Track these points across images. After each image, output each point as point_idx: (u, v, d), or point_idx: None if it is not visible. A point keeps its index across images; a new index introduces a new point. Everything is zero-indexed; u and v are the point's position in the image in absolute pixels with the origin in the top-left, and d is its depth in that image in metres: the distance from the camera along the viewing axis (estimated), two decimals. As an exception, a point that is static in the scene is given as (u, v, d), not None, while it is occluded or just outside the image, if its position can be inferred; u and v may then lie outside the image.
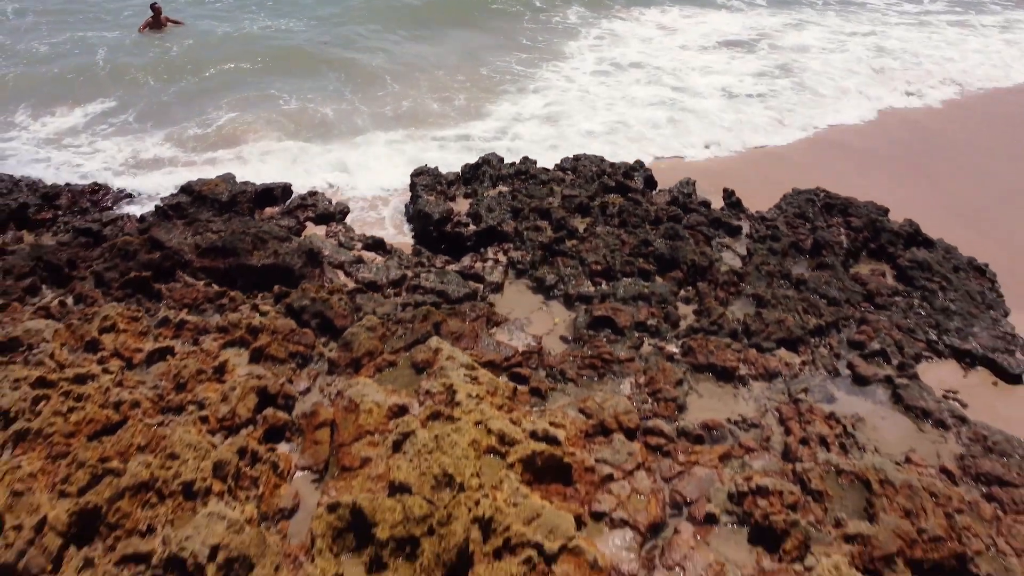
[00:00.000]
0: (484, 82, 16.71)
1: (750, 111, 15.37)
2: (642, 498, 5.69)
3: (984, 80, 18.91)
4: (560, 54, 19.36)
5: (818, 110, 15.76)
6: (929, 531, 5.26)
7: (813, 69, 18.64)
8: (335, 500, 4.87)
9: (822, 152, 13.89)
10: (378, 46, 18.66)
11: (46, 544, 4.84)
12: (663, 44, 20.77)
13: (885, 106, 16.62)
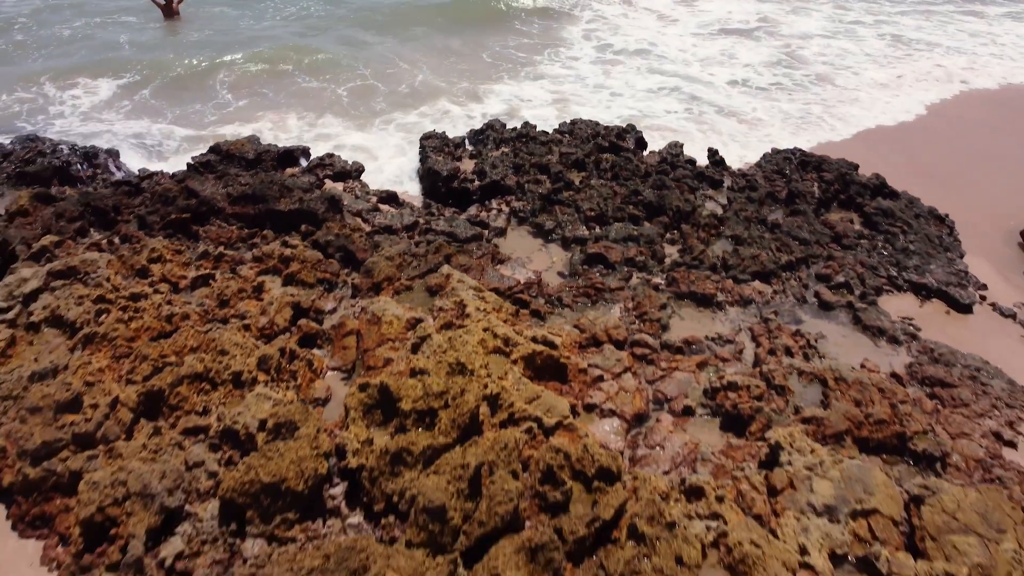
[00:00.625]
0: (488, 70, 17.22)
1: (778, 106, 15.27)
2: (628, 394, 6.43)
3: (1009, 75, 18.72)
4: (562, 41, 19.87)
5: (855, 107, 15.35)
6: (875, 415, 6.01)
7: (829, 60, 18.72)
8: (365, 381, 5.62)
9: (874, 150, 13.35)
10: (385, 35, 19.31)
11: (120, 417, 5.60)
12: (665, 32, 21.07)
13: (934, 99, 16.30)
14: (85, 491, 5.10)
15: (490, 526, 4.42)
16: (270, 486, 4.80)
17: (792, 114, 14.87)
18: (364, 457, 5.13)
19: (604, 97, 15.46)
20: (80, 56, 16.21)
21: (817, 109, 15.18)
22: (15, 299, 7.15)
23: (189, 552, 4.84)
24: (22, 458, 5.52)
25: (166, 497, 4.99)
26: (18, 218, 8.78)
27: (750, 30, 22.11)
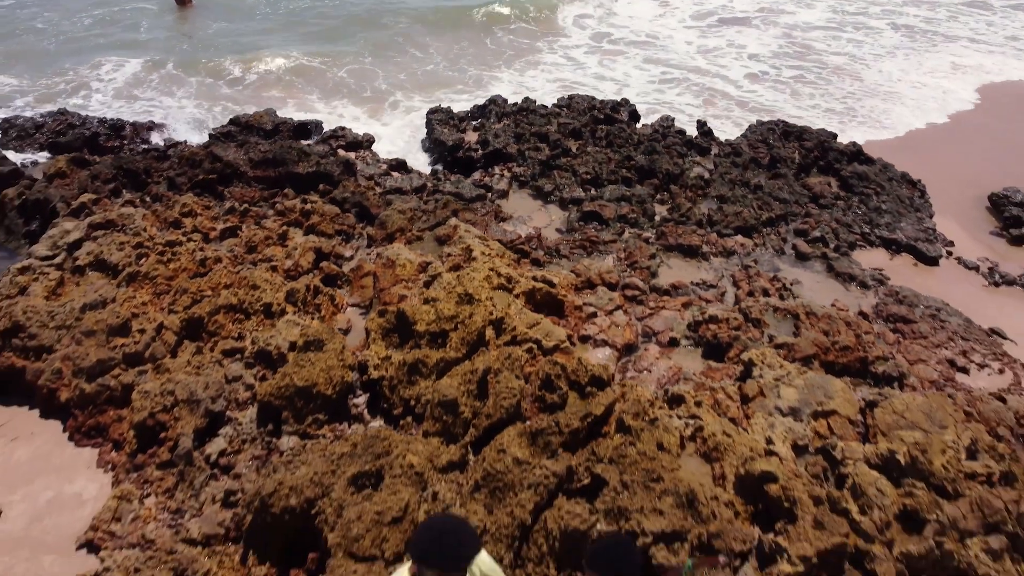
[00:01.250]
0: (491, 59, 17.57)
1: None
2: (619, 328, 7.02)
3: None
4: (560, 31, 20.11)
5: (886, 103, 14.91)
6: (840, 342, 6.59)
7: (846, 51, 18.41)
8: (383, 308, 6.20)
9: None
10: (393, 27, 19.68)
11: (165, 339, 6.19)
12: (664, 24, 20.85)
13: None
14: (138, 399, 5.70)
15: (496, 418, 5.01)
16: (303, 389, 5.39)
17: (835, 110, 14.32)
18: (384, 370, 5.72)
19: (610, 88, 15.90)
20: (105, 40, 16.75)
21: (854, 104, 14.60)
22: (59, 248, 7.73)
23: (231, 450, 5.43)
24: (78, 376, 6.11)
25: (210, 403, 5.58)
26: (56, 179, 9.36)
27: (748, 18, 21.94)
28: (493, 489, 4.49)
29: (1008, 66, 18.14)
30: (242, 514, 4.84)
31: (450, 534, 2.79)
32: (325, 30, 18.49)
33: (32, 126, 11.57)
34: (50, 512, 5.47)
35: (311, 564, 4.71)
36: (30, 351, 6.48)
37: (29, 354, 6.48)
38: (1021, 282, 8.62)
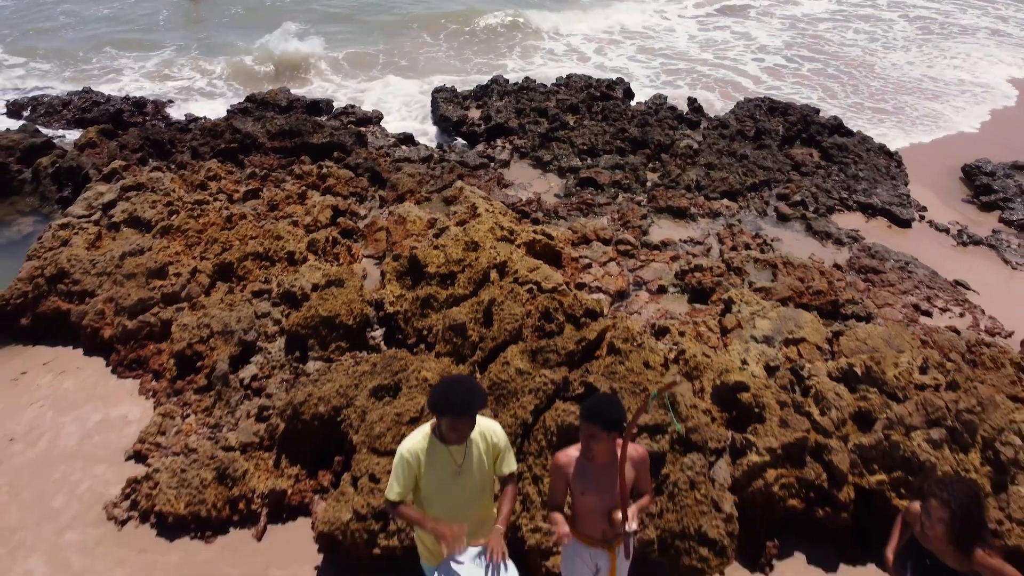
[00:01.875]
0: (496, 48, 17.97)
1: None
2: (612, 277, 7.56)
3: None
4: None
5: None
6: (814, 287, 7.13)
7: (858, 43, 18.08)
8: (398, 253, 6.75)
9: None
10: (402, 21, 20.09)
11: (199, 281, 6.73)
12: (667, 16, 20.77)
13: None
14: (177, 331, 6.24)
15: (500, 340, 5.55)
16: (327, 319, 5.93)
17: (884, 109, 13.83)
18: (399, 305, 6.26)
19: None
20: (126, 27, 17.28)
21: (889, 101, 14.18)
22: (95, 208, 8.27)
23: (262, 374, 5.97)
24: (120, 314, 6.66)
25: (243, 334, 6.13)
26: (87, 149, 9.90)
27: (744, 7, 21.94)
28: (498, 396, 5.03)
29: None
30: (275, 424, 5.38)
31: (459, 384, 3.34)
32: (336, 16, 19.02)
33: (59, 103, 12.09)
34: (99, 431, 6.03)
35: (336, 466, 5.26)
36: (74, 295, 7.03)
37: (73, 298, 7.03)
38: (987, 242, 9.15)
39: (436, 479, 3.48)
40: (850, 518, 4.72)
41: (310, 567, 4.86)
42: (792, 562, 4.89)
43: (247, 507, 5.05)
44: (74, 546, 5.00)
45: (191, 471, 5.15)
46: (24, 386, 6.62)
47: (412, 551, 4.57)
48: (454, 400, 3.28)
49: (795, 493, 4.73)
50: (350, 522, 4.51)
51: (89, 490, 5.44)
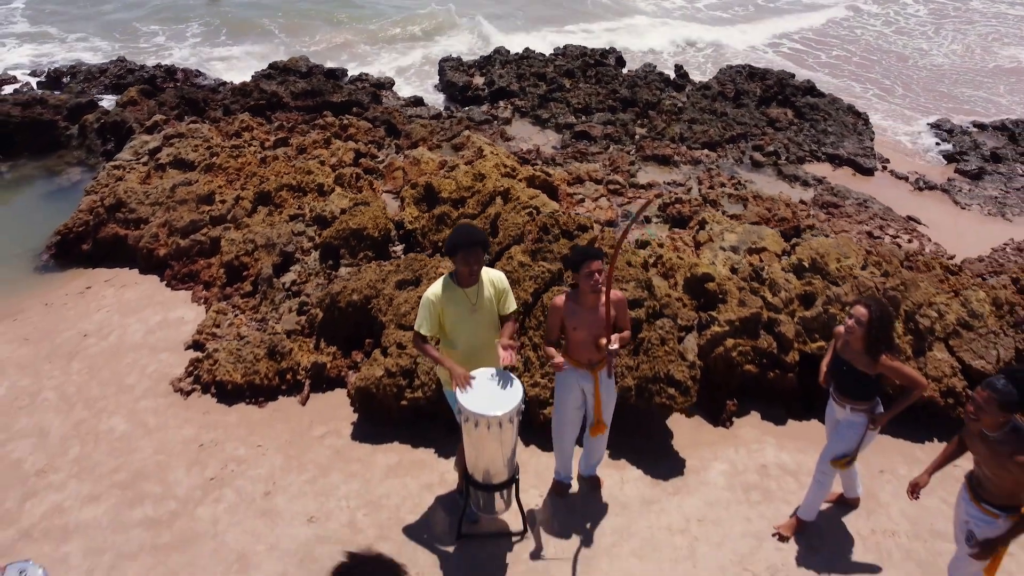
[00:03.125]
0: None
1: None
2: (603, 210, 8.40)
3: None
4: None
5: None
6: (779, 215, 7.97)
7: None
8: (415, 181, 7.58)
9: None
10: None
11: (242, 206, 7.57)
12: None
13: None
14: (226, 245, 7.09)
15: (505, 243, 6.39)
16: (356, 231, 6.77)
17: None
18: (417, 224, 7.11)
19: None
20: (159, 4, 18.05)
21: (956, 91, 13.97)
22: (141, 154, 9.10)
23: (300, 280, 6.81)
24: (173, 235, 7.50)
25: (283, 246, 6.97)
26: (129, 106, 10.71)
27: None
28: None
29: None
30: (315, 314, 6.24)
31: (465, 226, 4.23)
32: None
33: (96, 71, 12.88)
34: (160, 328, 6.87)
35: (367, 347, 6.11)
36: (130, 222, 7.87)
37: (130, 224, 7.87)
38: (941, 187, 9.98)
39: (456, 316, 4.32)
40: (795, 379, 5.58)
41: (347, 423, 5.72)
42: (748, 419, 5.75)
43: (293, 377, 5.91)
44: (148, 410, 5.86)
45: (245, 349, 6.01)
46: (90, 297, 7.47)
47: (434, 403, 5.46)
48: (464, 236, 4.14)
49: (750, 360, 5.59)
50: (382, 378, 5.37)
51: (156, 371, 6.30)
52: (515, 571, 4.51)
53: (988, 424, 3.34)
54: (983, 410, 3.31)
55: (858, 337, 4.07)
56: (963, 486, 3.72)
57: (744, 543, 4.68)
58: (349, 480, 5.18)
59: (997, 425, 3.33)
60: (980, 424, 3.37)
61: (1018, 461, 3.25)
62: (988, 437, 3.39)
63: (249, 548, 4.67)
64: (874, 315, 4.01)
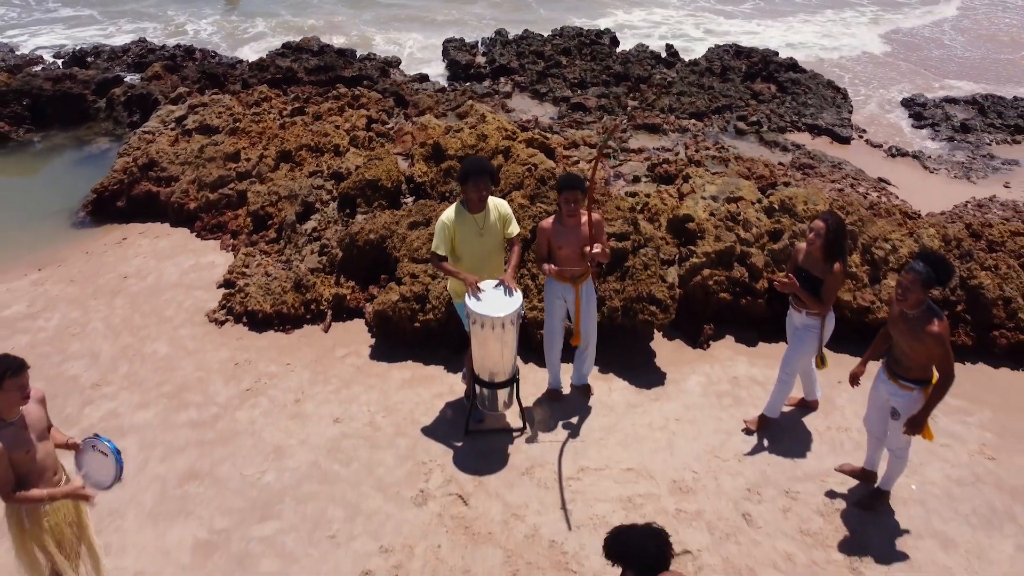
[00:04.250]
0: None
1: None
2: (597, 172, 8.95)
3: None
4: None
5: None
6: (757, 172, 8.54)
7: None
8: (423, 140, 8.16)
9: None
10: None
11: (266, 163, 8.14)
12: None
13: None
14: (252, 196, 7.67)
15: (506, 190, 6.96)
16: (371, 182, 7.35)
17: None
18: (426, 177, 7.68)
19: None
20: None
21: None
22: (168, 122, 9.67)
23: (320, 227, 7.39)
24: (203, 189, 8.07)
25: (305, 196, 7.55)
26: (154, 80, 11.27)
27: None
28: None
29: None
30: (335, 253, 6.82)
31: (476, 157, 4.82)
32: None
33: (120, 50, 13.43)
34: (193, 271, 7.46)
35: (382, 282, 6.69)
36: (162, 180, 8.44)
37: (161, 182, 8.44)
38: (912, 154, 10.55)
39: (466, 238, 4.91)
40: (765, 305, 6.17)
41: (365, 346, 6.32)
42: (724, 342, 6.34)
43: (317, 308, 6.50)
44: (186, 337, 6.46)
45: (274, 283, 6.60)
46: (127, 247, 8.05)
47: (444, 324, 6.05)
48: (474, 165, 4.73)
49: (725, 288, 6.17)
50: (397, 302, 5.96)
51: (192, 305, 6.89)
52: (515, 459, 5.11)
53: (911, 303, 3.93)
54: (909, 290, 3.90)
55: (818, 247, 4.66)
56: (880, 371, 4.34)
57: (716, 437, 5.28)
58: (369, 390, 5.77)
59: (917, 303, 3.93)
60: (906, 304, 3.96)
61: (930, 332, 3.85)
62: (908, 316, 3.98)
63: (283, 442, 5.27)
64: (831, 226, 4.61)
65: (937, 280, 3.87)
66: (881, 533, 4.55)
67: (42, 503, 3.56)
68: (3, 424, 3.37)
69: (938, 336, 3.86)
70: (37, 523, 3.62)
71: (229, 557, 4.44)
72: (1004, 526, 4.63)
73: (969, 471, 5.03)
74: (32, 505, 3.55)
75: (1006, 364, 6.10)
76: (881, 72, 14.48)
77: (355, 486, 4.89)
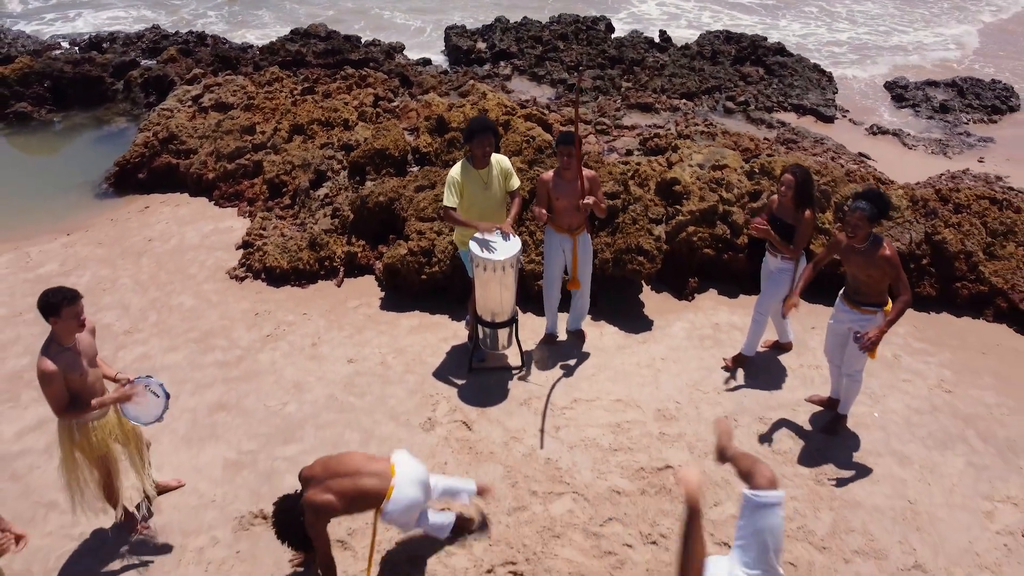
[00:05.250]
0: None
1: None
2: (591, 144, 9.38)
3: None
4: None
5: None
6: (743, 146, 8.96)
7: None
8: (428, 114, 8.58)
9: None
10: None
11: (280, 135, 8.56)
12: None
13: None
14: (267, 165, 8.09)
15: (506, 155, 7.38)
16: (379, 151, 7.77)
17: None
18: (431, 147, 8.10)
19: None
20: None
21: None
22: (185, 101, 10.08)
23: (332, 194, 7.82)
24: (220, 160, 8.49)
25: (317, 165, 7.97)
26: (169, 63, 11.68)
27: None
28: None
29: None
30: (346, 215, 7.24)
31: (481, 117, 5.24)
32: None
33: (135, 37, 13.82)
34: (213, 234, 7.88)
35: (391, 241, 7.12)
36: (181, 152, 8.85)
37: (180, 155, 8.85)
38: (892, 132, 10.97)
39: (472, 192, 5.33)
40: (746, 260, 6.60)
41: (376, 298, 6.75)
42: (707, 294, 6.77)
43: (330, 264, 6.94)
44: (210, 291, 6.89)
45: (290, 242, 7.03)
46: (149, 214, 8.47)
47: (449, 277, 6.48)
48: (479, 123, 5.16)
49: (708, 244, 6.61)
50: (406, 256, 6.39)
51: (213, 264, 7.32)
52: (515, 393, 5.55)
53: (860, 238, 4.38)
54: (858, 227, 4.35)
55: (789, 198, 5.10)
56: (839, 304, 4.80)
57: (697, 373, 5.72)
58: (379, 335, 6.21)
59: (865, 238, 4.38)
60: (856, 239, 4.40)
61: (882, 255, 4.30)
62: (859, 249, 4.43)
63: (302, 379, 5.71)
64: (799, 178, 5.05)
65: (880, 213, 4.33)
66: (844, 452, 5.00)
67: (91, 419, 3.98)
68: (60, 349, 3.79)
69: (890, 258, 4.32)
70: (86, 437, 4.04)
71: (257, 473, 4.88)
72: (956, 446, 5.07)
73: (927, 402, 5.47)
74: (83, 420, 3.97)
75: (967, 313, 6.53)
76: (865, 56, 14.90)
77: (369, 414, 5.33)
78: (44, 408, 5.21)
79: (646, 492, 4.66)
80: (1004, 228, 6.60)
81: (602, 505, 4.57)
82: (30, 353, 6.06)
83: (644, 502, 4.60)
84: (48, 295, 3.70)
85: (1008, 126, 11.52)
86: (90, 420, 3.97)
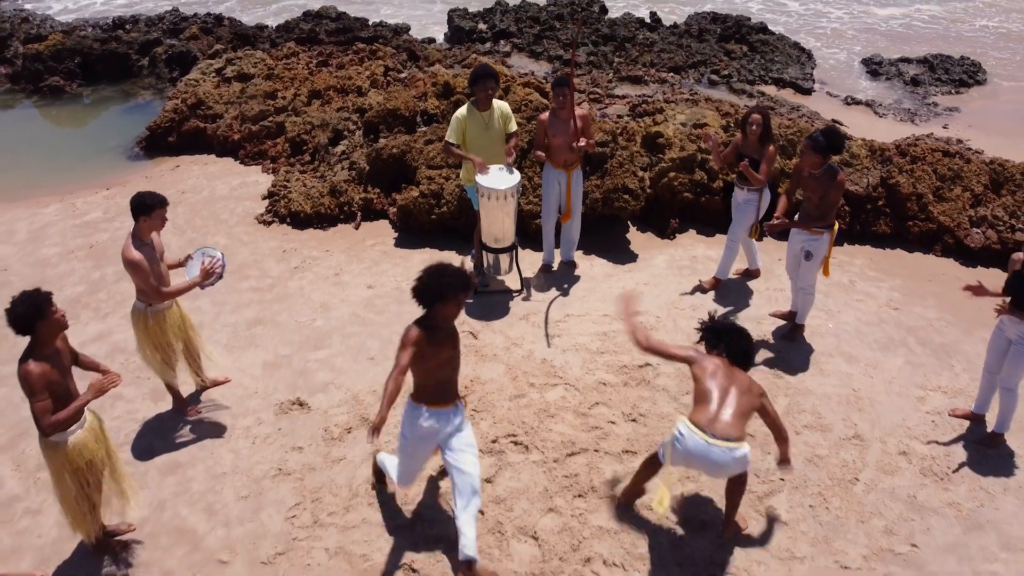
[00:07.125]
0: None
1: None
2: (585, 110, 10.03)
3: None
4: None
5: None
6: (724, 111, 9.62)
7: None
8: (434, 79, 9.24)
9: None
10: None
11: (301, 99, 9.22)
12: None
13: None
14: (289, 125, 8.75)
15: (506, 114, 8.04)
16: (392, 111, 8.42)
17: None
18: (438, 109, 8.76)
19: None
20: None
21: None
22: (208, 72, 10.72)
23: (348, 150, 8.47)
24: (245, 122, 9.15)
25: (335, 125, 8.64)
26: (192, 40, 12.31)
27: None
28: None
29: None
30: (362, 167, 7.91)
31: (483, 64, 5.89)
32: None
33: (156, 18, 14.45)
34: (241, 187, 8.54)
35: (403, 190, 7.78)
36: (208, 117, 9.50)
37: (207, 119, 9.50)
38: (865, 103, 11.63)
39: (475, 131, 5.99)
40: (721, 202, 7.27)
41: (390, 238, 7.42)
42: (687, 234, 7.44)
43: (349, 209, 7.60)
44: (241, 233, 7.56)
45: (312, 190, 7.70)
46: (181, 172, 9.13)
47: (456, 217, 7.14)
48: (482, 69, 5.83)
49: (688, 189, 7.28)
50: (417, 198, 7.06)
51: (243, 211, 7.98)
52: (515, 310, 6.23)
53: (810, 163, 5.07)
54: (805, 154, 5.05)
55: (756, 134, 5.78)
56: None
57: (675, 295, 6.40)
58: (395, 267, 6.89)
59: (818, 165, 5.06)
60: (805, 163, 5.10)
61: (838, 181, 4.99)
62: (815, 175, 5.11)
63: (328, 300, 6.39)
64: (765, 117, 5.73)
65: (826, 144, 5.01)
66: (801, 355, 5.68)
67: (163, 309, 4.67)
68: (141, 243, 4.49)
69: (840, 183, 5.01)
70: (159, 324, 4.73)
71: (292, 371, 5.57)
72: (897, 349, 5.76)
73: (876, 316, 6.16)
74: (160, 307, 4.66)
75: (918, 249, 7.21)
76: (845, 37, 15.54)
77: (387, 327, 6.01)
78: (102, 323, 5.94)
79: (628, 384, 5.35)
80: (952, 174, 7.28)
81: (590, 393, 5.25)
82: (85, 282, 6.76)
83: (626, 391, 5.28)
84: (144, 197, 4.39)
85: (974, 98, 12.16)
86: (163, 309, 4.67)
